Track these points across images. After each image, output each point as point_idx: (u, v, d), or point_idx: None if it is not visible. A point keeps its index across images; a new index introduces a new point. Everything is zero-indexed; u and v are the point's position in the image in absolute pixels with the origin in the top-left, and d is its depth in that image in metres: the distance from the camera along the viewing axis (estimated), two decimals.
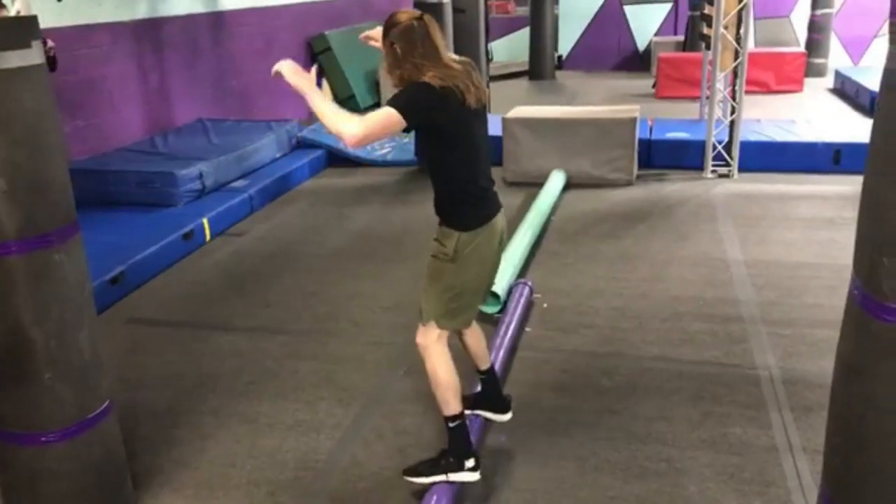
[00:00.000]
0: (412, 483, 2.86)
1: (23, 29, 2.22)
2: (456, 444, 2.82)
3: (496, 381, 3.19)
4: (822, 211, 6.02)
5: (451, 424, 2.80)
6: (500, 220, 2.80)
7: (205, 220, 5.87)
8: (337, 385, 3.72)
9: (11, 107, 2.22)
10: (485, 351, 3.09)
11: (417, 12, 2.68)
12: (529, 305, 4.45)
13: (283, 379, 3.81)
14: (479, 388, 3.18)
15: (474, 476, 2.82)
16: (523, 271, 4.97)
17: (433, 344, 2.78)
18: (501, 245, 2.86)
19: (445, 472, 2.81)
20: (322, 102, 2.51)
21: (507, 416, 3.19)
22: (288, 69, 2.54)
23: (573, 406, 3.47)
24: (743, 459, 3.05)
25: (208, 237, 5.88)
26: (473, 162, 2.71)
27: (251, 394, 3.69)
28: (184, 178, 6.18)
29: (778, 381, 3.61)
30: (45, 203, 2.35)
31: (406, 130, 2.54)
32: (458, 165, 2.68)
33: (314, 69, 2.64)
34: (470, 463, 2.81)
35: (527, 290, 4.48)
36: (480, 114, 2.73)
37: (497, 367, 3.50)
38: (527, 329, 4.23)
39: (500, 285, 4.34)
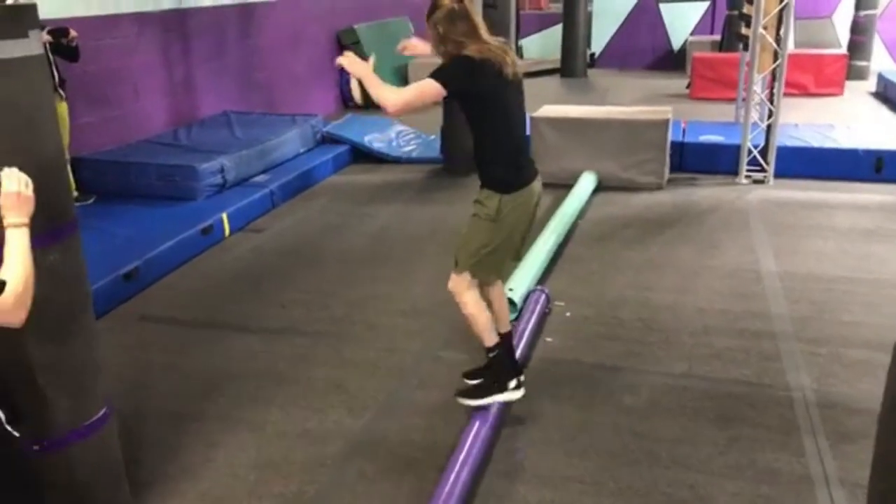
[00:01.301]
0: (466, 405, 3.17)
1: (19, 18, 2.11)
2: (498, 370, 3.19)
3: (511, 346, 3.36)
4: (861, 221, 5.76)
5: (490, 354, 3.16)
6: (536, 184, 3.07)
7: (224, 216, 5.78)
8: (348, 393, 3.60)
9: (6, 98, 2.10)
10: (507, 314, 3.31)
11: None
12: (545, 314, 4.28)
13: (295, 384, 3.69)
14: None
15: (518, 394, 3.20)
16: (545, 277, 4.81)
17: (465, 290, 3.05)
18: (537, 207, 3.12)
19: (492, 393, 3.15)
20: (375, 81, 2.86)
21: (516, 382, 3.34)
22: (348, 62, 2.91)
23: (593, 424, 3.31)
24: (773, 489, 2.87)
25: (227, 233, 5.79)
26: (510, 128, 2.98)
27: (261, 399, 3.58)
28: (205, 171, 6.10)
29: (812, 405, 3.41)
30: (39, 199, 2.23)
31: (448, 97, 2.86)
32: (496, 130, 2.96)
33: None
34: (512, 383, 3.18)
35: (543, 298, 4.31)
36: (517, 86, 3.00)
37: None
38: (547, 339, 4.07)
39: (518, 292, 4.19)
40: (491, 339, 3.14)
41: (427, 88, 2.80)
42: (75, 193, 6.09)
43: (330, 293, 4.71)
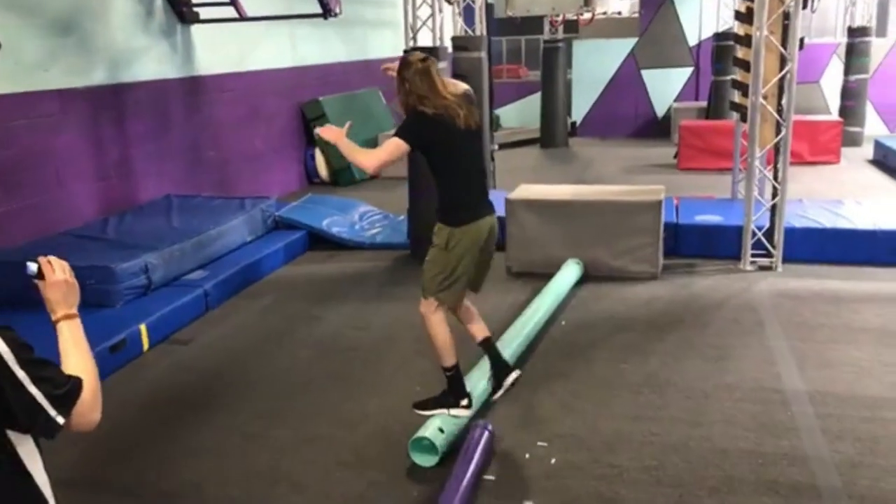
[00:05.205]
0: (419, 414, 3.47)
1: None
2: (453, 388, 3.48)
3: (495, 348, 3.76)
4: (894, 319, 4.92)
5: (447, 374, 3.49)
6: (487, 220, 3.48)
7: (143, 327, 4.86)
8: None
9: None
10: (479, 321, 3.72)
11: (424, 55, 3.42)
12: (487, 459, 3.35)
13: None
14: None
15: (468, 412, 3.50)
16: (523, 400, 3.91)
17: (432, 312, 3.45)
18: (489, 241, 3.52)
19: (446, 406, 3.45)
20: (348, 145, 3.36)
21: (515, 374, 3.73)
22: (323, 130, 3.42)
23: None
24: None
25: (146, 346, 4.86)
26: (464, 172, 3.43)
27: None
28: (124, 272, 5.19)
29: None
30: None
31: (411, 149, 3.33)
32: (451, 175, 3.40)
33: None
34: (464, 402, 3.49)
35: (486, 437, 3.37)
36: (472, 133, 3.45)
37: None
38: (527, 503, 3.13)
39: (448, 429, 3.40)
40: (449, 360, 3.46)
41: (394, 146, 3.28)
42: None
43: (253, 434, 3.76)
